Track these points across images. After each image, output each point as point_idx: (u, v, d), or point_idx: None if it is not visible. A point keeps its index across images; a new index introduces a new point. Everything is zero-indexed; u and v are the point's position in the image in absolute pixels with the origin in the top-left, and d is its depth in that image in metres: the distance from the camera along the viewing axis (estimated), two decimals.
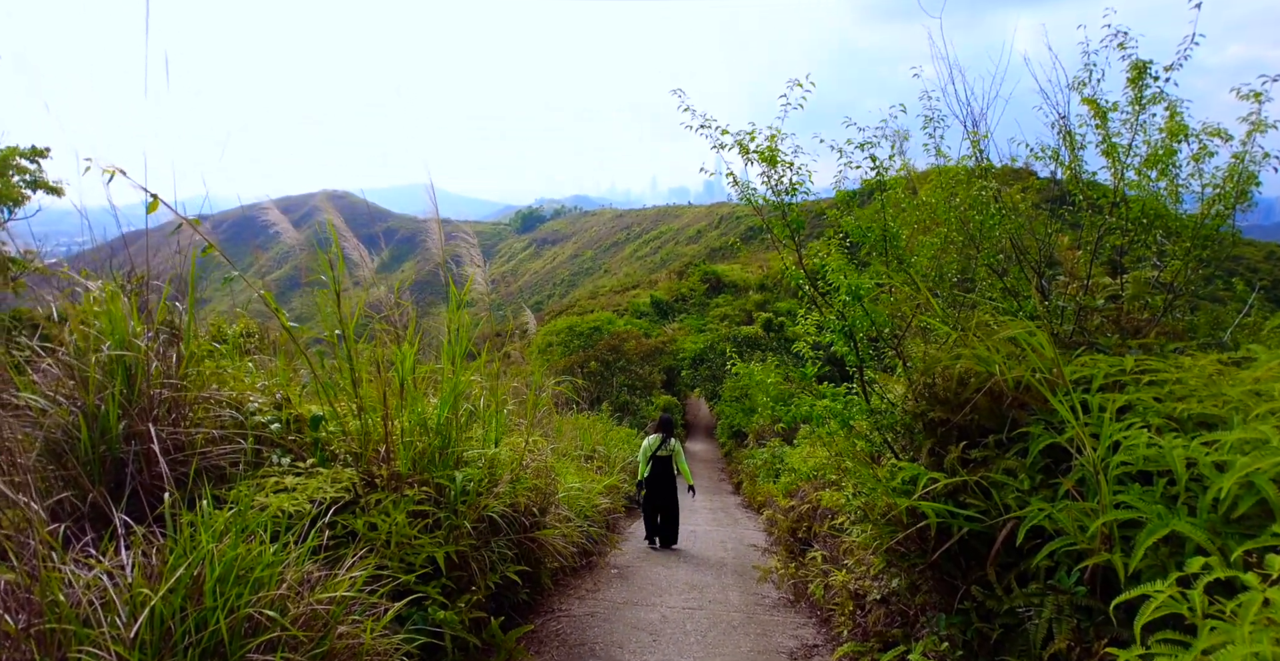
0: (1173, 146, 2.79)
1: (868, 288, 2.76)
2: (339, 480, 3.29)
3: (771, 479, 9.14)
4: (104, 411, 2.89)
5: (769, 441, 11.61)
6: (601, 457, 10.18)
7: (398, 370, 3.37)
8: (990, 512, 2.30)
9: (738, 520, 11.38)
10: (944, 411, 2.61)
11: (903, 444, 2.74)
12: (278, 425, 3.52)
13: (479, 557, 3.74)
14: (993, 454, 2.47)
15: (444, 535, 3.60)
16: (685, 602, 5.52)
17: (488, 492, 3.85)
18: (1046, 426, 2.41)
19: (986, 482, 2.27)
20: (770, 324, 23.92)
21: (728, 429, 18.71)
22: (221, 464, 3.24)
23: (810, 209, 3.20)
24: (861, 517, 2.77)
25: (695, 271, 59.18)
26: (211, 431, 3.15)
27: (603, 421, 13.12)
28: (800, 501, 5.66)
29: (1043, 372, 2.21)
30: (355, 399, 3.49)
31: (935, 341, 2.91)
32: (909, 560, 2.35)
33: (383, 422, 3.42)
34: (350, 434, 3.51)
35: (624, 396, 19.92)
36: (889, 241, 2.91)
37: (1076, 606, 2.03)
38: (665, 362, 26.21)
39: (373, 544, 3.20)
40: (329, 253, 3.29)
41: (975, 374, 2.49)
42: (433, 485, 3.65)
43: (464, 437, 4.03)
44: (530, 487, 4.15)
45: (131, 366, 3.14)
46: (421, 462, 3.67)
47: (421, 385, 3.91)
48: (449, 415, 3.73)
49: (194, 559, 2.03)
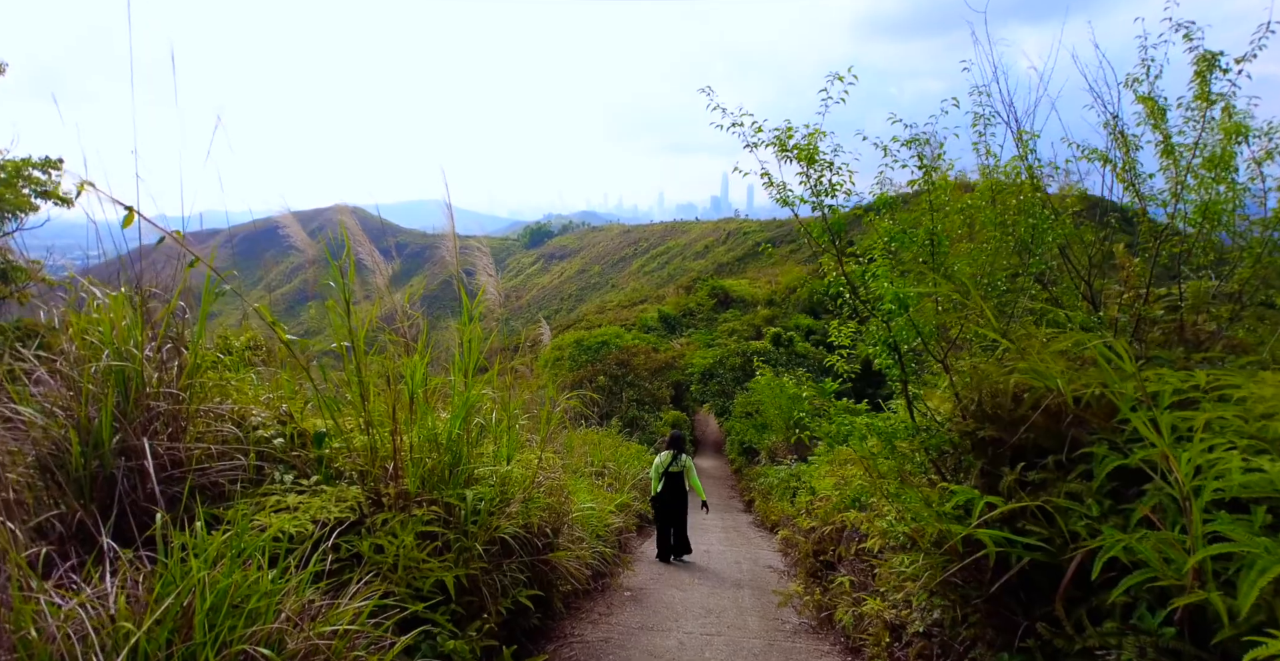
0: (1230, 148, 2.62)
1: (914, 296, 2.57)
2: (344, 499, 3.11)
3: (788, 498, 8.87)
4: (97, 424, 2.73)
5: (784, 459, 11.34)
6: (612, 474, 9.95)
7: (408, 383, 3.21)
8: (1054, 541, 2.09)
9: (751, 540, 11.07)
10: (996, 429, 2.41)
11: (951, 464, 2.54)
12: (281, 440, 3.36)
13: (490, 581, 3.53)
14: (1052, 476, 2.26)
15: (454, 558, 3.40)
16: (702, 628, 5.27)
17: (499, 512, 3.65)
18: (1110, 447, 2.21)
19: (1050, 508, 2.06)
20: (780, 338, 23.68)
21: (738, 445, 18.40)
22: (221, 481, 3.07)
23: (845, 213, 3.03)
24: (908, 545, 2.56)
25: (703, 286, 59.11)
26: (211, 447, 2.99)
27: (611, 436, 12.90)
28: (823, 522, 5.42)
29: (1114, 387, 2.01)
30: (363, 413, 3.32)
31: (982, 354, 2.72)
32: (963, 592, 2.14)
33: (391, 438, 3.24)
34: (356, 450, 3.34)
35: (632, 411, 19.69)
36: (935, 246, 2.73)
37: (1162, 649, 1.82)
38: (674, 377, 25.98)
39: (379, 567, 3.01)
40: (340, 260, 3.15)
41: (1031, 389, 2.30)
42: (442, 504, 3.46)
43: (475, 454, 3.85)
44: (543, 507, 3.96)
45: (130, 377, 3.00)
46: (431, 480, 3.49)
47: (432, 399, 3.75)
48: (460, 431, 3.55)
49: (183, 587, 1.85)
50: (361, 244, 3.30)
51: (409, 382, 3.21)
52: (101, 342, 2.95)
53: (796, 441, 12.76)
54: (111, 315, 2.99)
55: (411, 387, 3.21)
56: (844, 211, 2.94)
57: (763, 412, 14.38)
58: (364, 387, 3.27)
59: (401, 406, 3.25)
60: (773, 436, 13.45)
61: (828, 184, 2.91)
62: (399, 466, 3.27)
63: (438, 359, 4.54)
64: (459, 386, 3.60)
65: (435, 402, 3.83)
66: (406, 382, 3.22)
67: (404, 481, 3.29)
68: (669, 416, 22.16)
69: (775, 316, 46.26)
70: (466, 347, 3.66)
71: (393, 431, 3.22)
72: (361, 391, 3.28)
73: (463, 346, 3.61)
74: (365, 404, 3.28)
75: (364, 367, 3.26)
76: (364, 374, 3.23)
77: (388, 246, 5.41)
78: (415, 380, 3.20)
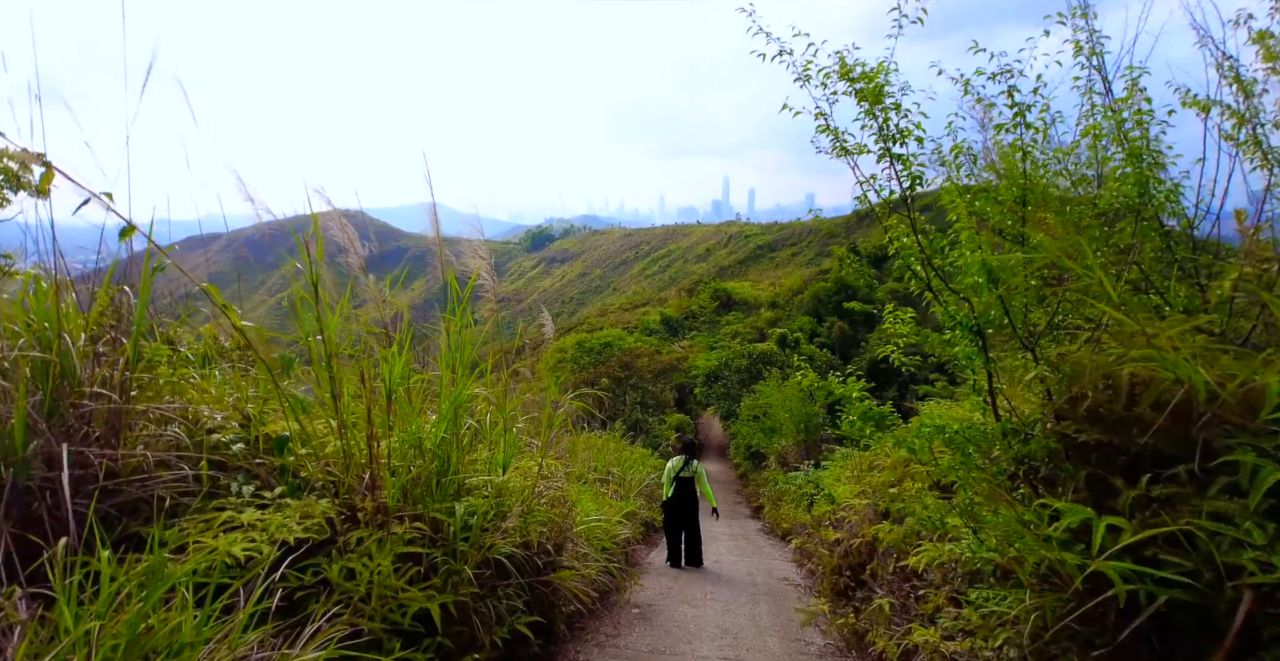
0: None
1: (1011, 265, 2.10)
2: (310, 514, 2.65)
3: (805, 505, 8.39)
4: (10, 426, 2.28)
5: (801, 464, 10.85)
6: (617, 480, 9.49)
7: (385, 379, 2.75)
8: (1201, 575, 1.63)
9: (761, 548, 10.58)
10: (1102, 432, 1.95)
11: (1042, 475, 2.09)
12: (242, 446, 2.90)
13: (483, 609, 3.07)
14: (1184, 491, 1.80)
15: (441, 582, 2.94)
16: (719, 651, 4.80)
17: (494, 528, 3.19)
18: (1257, 453, 1.75)
19: (1199, 532, 1.60)
20: (786, 340, 23.18)
21: (744, 449, 17.90)
22: (167, 494, 2.61)
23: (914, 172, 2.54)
24: (999, 575, 2.10)
25: (705, 289, 58.77)
26: (152, 455, 2.53)
27: (615, 440, 12.42)
28: (850, 535, 4.95)
29: (1260, 378, 1.56)
30: (335, 415, 2.86)
31: (1068, 341, 2.26)
32: (1081, 639, 1.68)
33: (367, 443, 2.79)
34: (327, 458, 2.89)
35: (636, 414, 19.21)
36: (1028, 195, 2.23)
37: None
38: (677, 380, 25.51)
39: (349, 597, 2.55)
40: (305, 234, 2.70)
41: (1152, 382, 1.84)
42: (428, 520, 3.00)
43: (467, 461, 3.39)
44: (544, 521, 3.49)
45: (64, 372, 2.55)
46: (414, 492, 3.03)
47: (417, 399, 3.29)
48: (448, 434, 3.10)
49: (66, 643, 1.39)
50: (333, 220, 2.85)
51: (386, 378, 2.75)
52: (23, 331, 2.51)
53: (808, 445, 12.28)
54: (35, 300, 2.55)
55: (389, 384, 2.76)
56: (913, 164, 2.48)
57: (772, 415, 13.91)
58: (336, 385, 2.82)
59: (378, 406, 2.79)
60: (782, 440, 12.97)
61: (895, 128, 2.44)
62: (376, 476, 2.81)
63: (434, 360, 4.10)
64: (447, 383, 3.14)
65: (423, 404, 3.38)
66: (384, 378, 2.77)
67: (382, 493, 2.83)
68: (673, 420, 21.68)
69: (778, 319, 45.83)
70: (455, 340, 3.21)
71: (369, 435, 2.76)
72: (334, 389, 2.82)
73: (451, 337, 3.16)
74: (338, 404, 2.83)
75: (335, 362, 2.80)
76: (335, 369, 2.78)
77: (387, 251, 4.99)
78: (393, 376, 2.74)
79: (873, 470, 5.60)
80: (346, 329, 3.24)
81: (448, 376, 3.19)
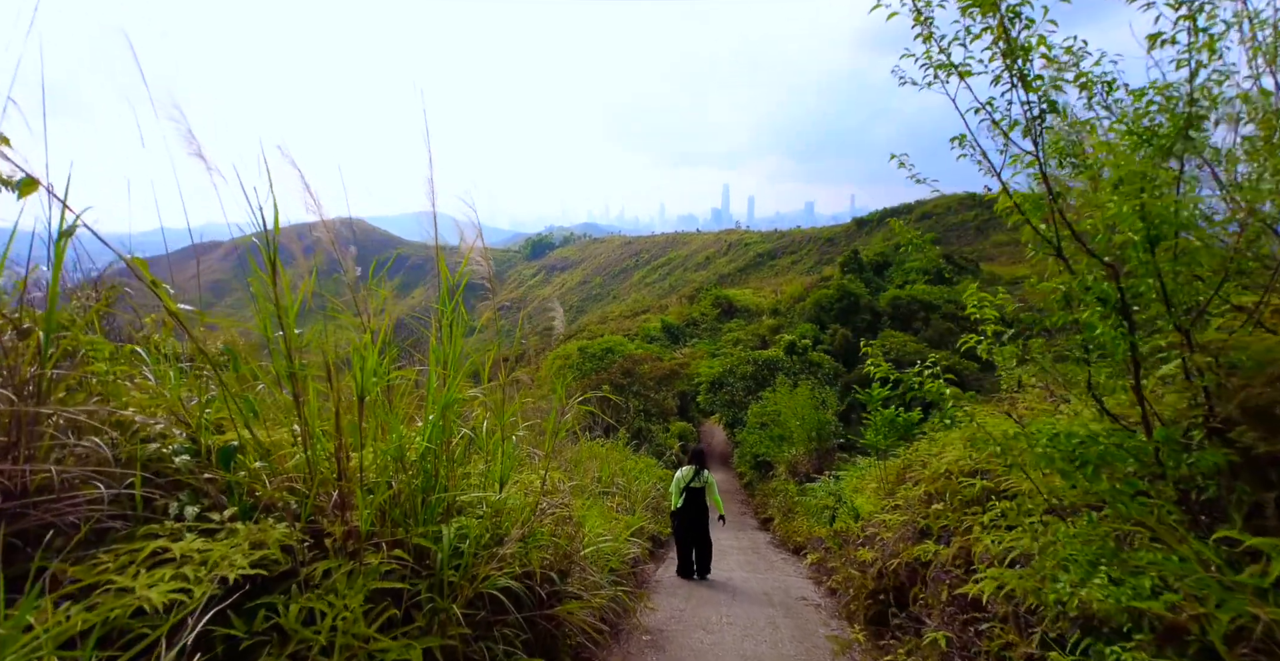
0: None
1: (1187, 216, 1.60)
2: (263, 543, 2.17)
3: (825, 519, 7.88)
4: None
5: (822, 474, 10.31)
6: (622, 491, 8.96)
7: (355, 375, 2.27)
8: None
9: (774, 564, 10.04)
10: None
11: (1205, 498, 1.62)
12: (188, 458, 2.42)
13: (475, 653, 2.57)
14: None
15: (424, 622, 2.44)
16: None
17: (489, 556, 2.70)
18: None
19: None
20: (794, 347, 22.66)
21: (750, 458, 17.35)
22: (87, 517, 2.12)
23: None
24: (1164, 632, 1.62)
25: (707, 296, 58.41)
26: (59, 471, 2.04)
27: (619, 449, 11.91)
28: (887, 555, 4.45)
29: None
30: (298, 421, 2.38)
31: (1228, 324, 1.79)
32: None
33: (336, 455, 2.31)
34: (289, 472, 2.40)
35: (638, 421, 18.68)
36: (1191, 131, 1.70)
37: None
38: (679, 387, 24.99)
39: (307, 647, 2.06)
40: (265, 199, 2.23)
41: None
42: (410, 547, 2.51)
43: (459, 475, 2.90)
44: (548, 545, 3.00)
45: None
46: (394, 513, 2.54)
47: (401, 404, 2.80)
48: (436, 444, 2.62)
49: None
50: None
51: (358, 375, 2.27)
52: None
53: (820, 454, 11.77)
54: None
55: (362, 382, 2.27)
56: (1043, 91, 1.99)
57: (781, 423, 13.39)
58: (299, 385, 2.33)
59: (349, 409, 2.31)
60: (792, 449, 12.45)
61: (1020, 40, 1.95)
62: (347, 494, 2.33)
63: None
64: (436, 384, 2.66)
65: (409, 409, 2.89)
66: (354, 374, 2.28)
67: (354, 515, 2.34)
68: (676, 428, 21.15)
69: (780, 326, 45.37)
70: (446, 332, 2.73)
71: (338, 446, 2.28)
72: (295, 390, 2.34)
73: (441, 331, 2.68)
74: (300, 407, 2.34)
75: (298, 357, 2.32)
76: (297, 365, 2.30)
77: (386, 259, 4.59)
78: (365, 371, 2.26)
79: (907, 482, 5.10)
80: (337, 337, 2.76)
81: (437, 375, 2.71)
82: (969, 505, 4.00)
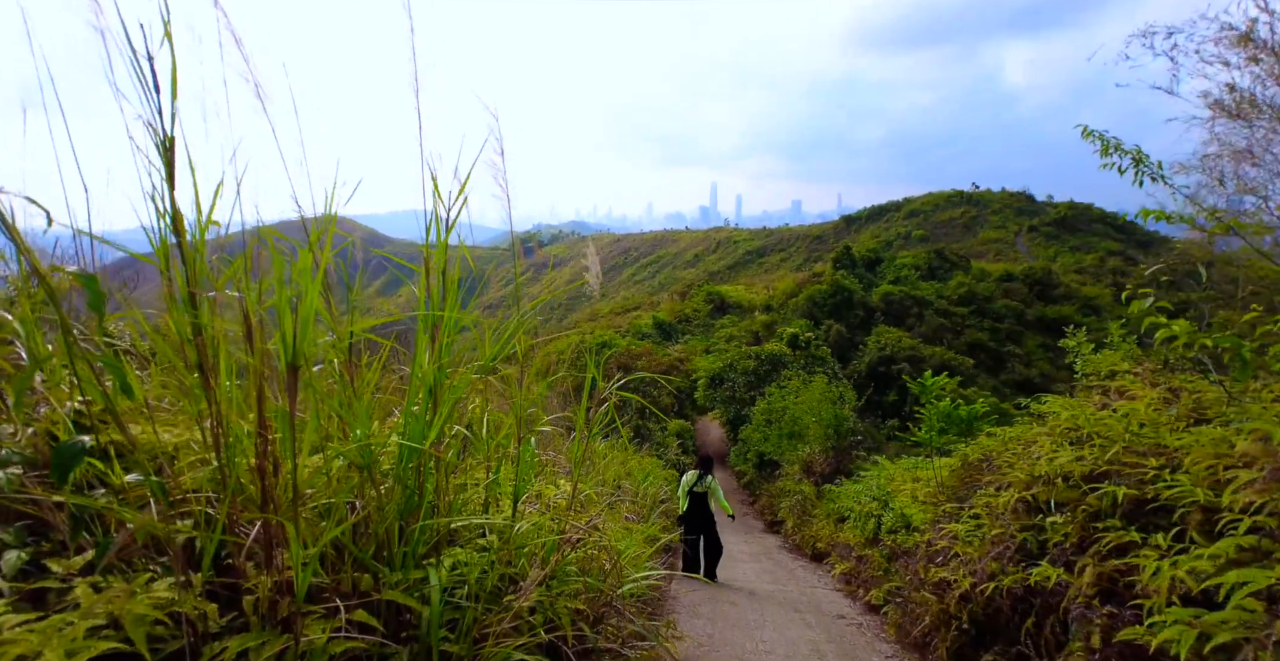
0: None
1: None
2: (120, 616, 1.28)
3: (864, 526, 7.06)
4: None
5: (862, 471, 9.44)
6: (629, 495, 8.10)
7: (283, 332, 1.37)
8: None
9: (793, 572, 9.22)
10: None
11: None
12: (15, 470, 1.53)
13: None
14: None
15: None
16: None
17: (499, 608, 1.83)
18: None
19: None
20: (797, 340, 21.84)
21: (754, 456, 16.52)
22: None
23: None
24: None
25: (699, 292, 57.76)
26: None
27: (622, 449, 11.03)
28: (981, 576, 3.62)
29: None
30: (210, 411, 1.49)
31: None
32: None
33: (258, 463, 1.43)
34: (183, 491, 1.52)
35: (636, 420, 17.81)
36: None
37: None
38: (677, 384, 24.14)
39: None
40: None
41: None
42: (379, 605, 1.64)
43: (450, 490, 2.02)
44: (577, 591, 2.13)
45: None
46: (358, 551, 1.66)
47: (367, 385, 1.90)
48: (419, 441, 1.74)
49: None
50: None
51: (286, 328, 1.37)
52: None
53: (838, 452, 10.98)
54: None
55: (292, 342, 1.38)
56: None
57: (794, 419, 12.56)
58: (206, 354, 1.45)
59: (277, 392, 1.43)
60: (807, 447, 11.64)
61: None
62: (274, 529, 1.44)
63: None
64: (422, 361, 1.79)
65: (375, 394, 2.01)
66: (281, 339, 1.38)
67: (286, 560, 1.46)
68: (674, 426, 20.33)
69: (774, 321, 44.76)
70: (439, 284, 1.85)
71: (258, 449, 1.40)
72: (202, 360, 1.45)
73: (430, 277, 1.81)
74: (209, 387, 1.45)
75: (210, 303, 1.44)
76: (206, 318, 1.42)
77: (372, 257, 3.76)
78: (302, 318, 1.36)
79: (987, 487, 4.28)
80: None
81: (425, 346, 1.83)
82: (1095, 519, 3.19)
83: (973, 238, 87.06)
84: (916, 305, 51.96)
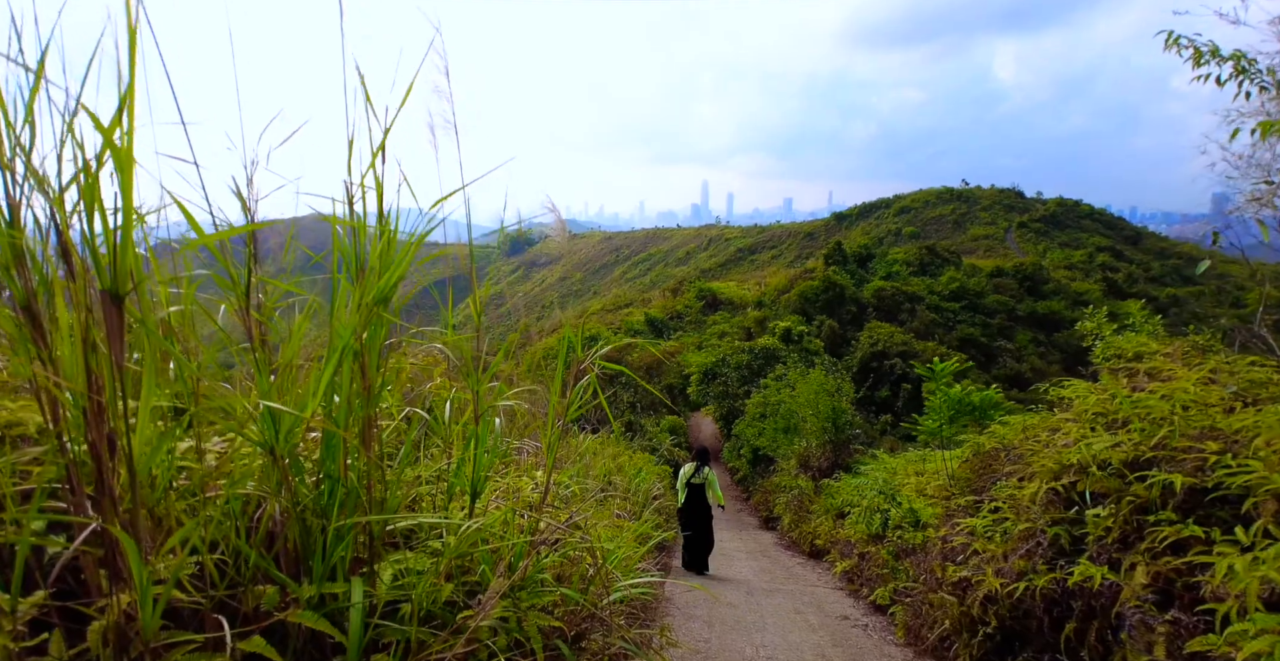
0: None
1: None
2: None
3: (870, 522, 6.70)
4: None
5: (864, 466, 9.08)
6: (621, 491, 7.72)
7: (86, 246, 0.95)
8: None
9: (791, 570, 8.87)
10: None
11: None
12: None
13: None
14: None
15: None
16: None
17: (454, 629, 1.44)
18: None
19: None
20: (790, 334, 21.52)
21: (749, 451, 16.16)
22: None
23: None
24: None
25: (691, 288, 57.43)
26: None
27: (613, 444, 10.65)
28: (1011, 576, 3.27)
29: None
30: (46, 369, 1.08)
31: None
32: None
33: (86, 435, 1.03)
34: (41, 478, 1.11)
35: (628, 415, 17.44)
36: None
37: None
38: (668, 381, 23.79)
39: None
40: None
41: None
42: (292, 630, 1.25)
43: (393, 482, 1.63)
44: (553, 602, 1.75)
45: None
46: (262, 558, 1.27)
47: (292, 346, 1.50)
48: (344, 418, 1.36)
49: None
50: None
51: (88, 239, 0.96)
52: None
53: (836, 446, 10.64)
54: None
55: (101, 262, 0.97)
56: None
57: (790, 413, 12.19)
58: (29, 280, 1.05)
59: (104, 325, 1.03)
60: (803, 441, 11.29)
61: None
62: (110, 539, 1.04)
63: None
64: (343, 308, 1.40)
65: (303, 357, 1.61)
66: (83, 238, 0.97)
67: (131, 585, 1.06)
68: (666, 422, 19.95)
69: (766, 318, 44.41)
70: (366, 225, 1.46)
71: (86, 417, 1.00)
72: (25, 282, 1.05)
73: (353, 214, 1.42)
74: (43, 336, 1.05)
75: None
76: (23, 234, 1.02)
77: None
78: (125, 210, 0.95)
79: (1009, 478, 3.93)
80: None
81: (348, 296, 1.43)
82: (1142, 510, 2.84)
83: (963, 234, 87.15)
84: (908, 301, 51.88)
